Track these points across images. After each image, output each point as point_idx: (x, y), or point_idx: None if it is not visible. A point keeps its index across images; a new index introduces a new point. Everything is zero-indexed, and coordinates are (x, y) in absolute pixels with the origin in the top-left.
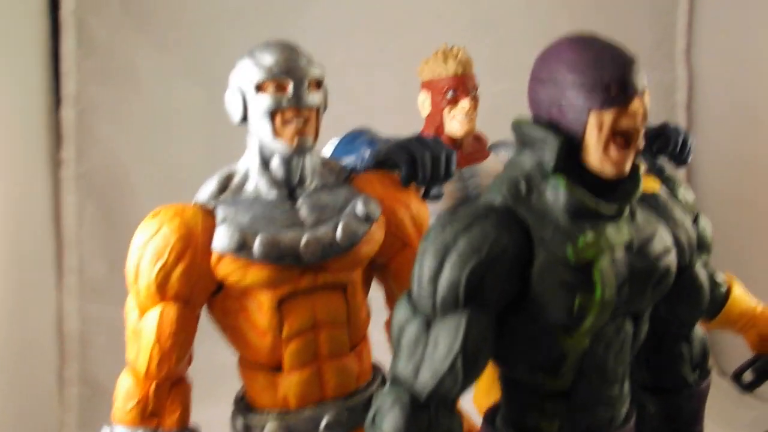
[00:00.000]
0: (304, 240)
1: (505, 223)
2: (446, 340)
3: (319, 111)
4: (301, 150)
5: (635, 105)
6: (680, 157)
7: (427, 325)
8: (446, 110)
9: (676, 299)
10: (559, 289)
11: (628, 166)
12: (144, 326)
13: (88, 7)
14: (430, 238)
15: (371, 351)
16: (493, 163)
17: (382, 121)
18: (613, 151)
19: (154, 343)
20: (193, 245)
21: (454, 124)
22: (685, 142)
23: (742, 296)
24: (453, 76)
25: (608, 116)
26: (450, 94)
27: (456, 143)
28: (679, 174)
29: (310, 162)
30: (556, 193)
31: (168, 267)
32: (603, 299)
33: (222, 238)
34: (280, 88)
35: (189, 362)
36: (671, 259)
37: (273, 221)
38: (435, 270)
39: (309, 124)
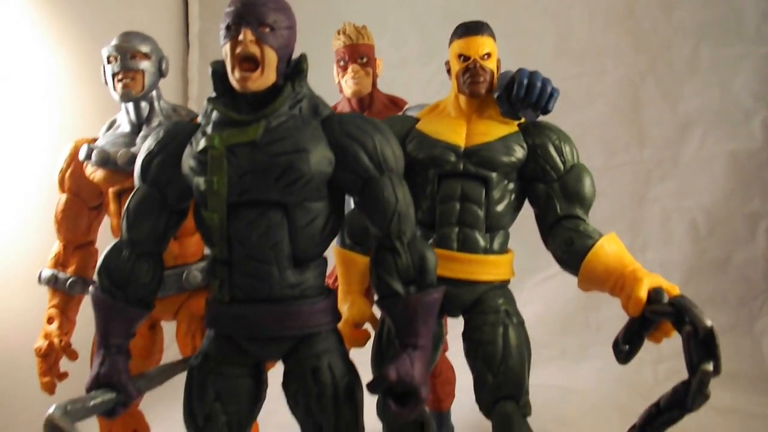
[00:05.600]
0: (119, 153)
1: (180, 128)
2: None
3: (144, 73)
4: (126, 97)
5: (242, 35)
6: (537, 104)
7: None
8: (340, 76)
9: (366, 207)
10: (189, 172)
11: (252, 84)
12: None
13: (208, 30)
14: None
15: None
16: None
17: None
18: (236, 71)
19: (53, 217)
20: (75, 158)
21: (346, 86)
22: (531, 87)
23: (613, 254)
24: (343, 48)
25: (227, 46)
26: (342, 62)
27: (363, 103)
28: None
29: (158, 107)
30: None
31: (63, 170)
32: (212, 183)
33: (81, 152)
34: (115, 59)
35: (86, 234)
36: (299, 158)
37: (114, 144)
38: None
39: (135, 81)
